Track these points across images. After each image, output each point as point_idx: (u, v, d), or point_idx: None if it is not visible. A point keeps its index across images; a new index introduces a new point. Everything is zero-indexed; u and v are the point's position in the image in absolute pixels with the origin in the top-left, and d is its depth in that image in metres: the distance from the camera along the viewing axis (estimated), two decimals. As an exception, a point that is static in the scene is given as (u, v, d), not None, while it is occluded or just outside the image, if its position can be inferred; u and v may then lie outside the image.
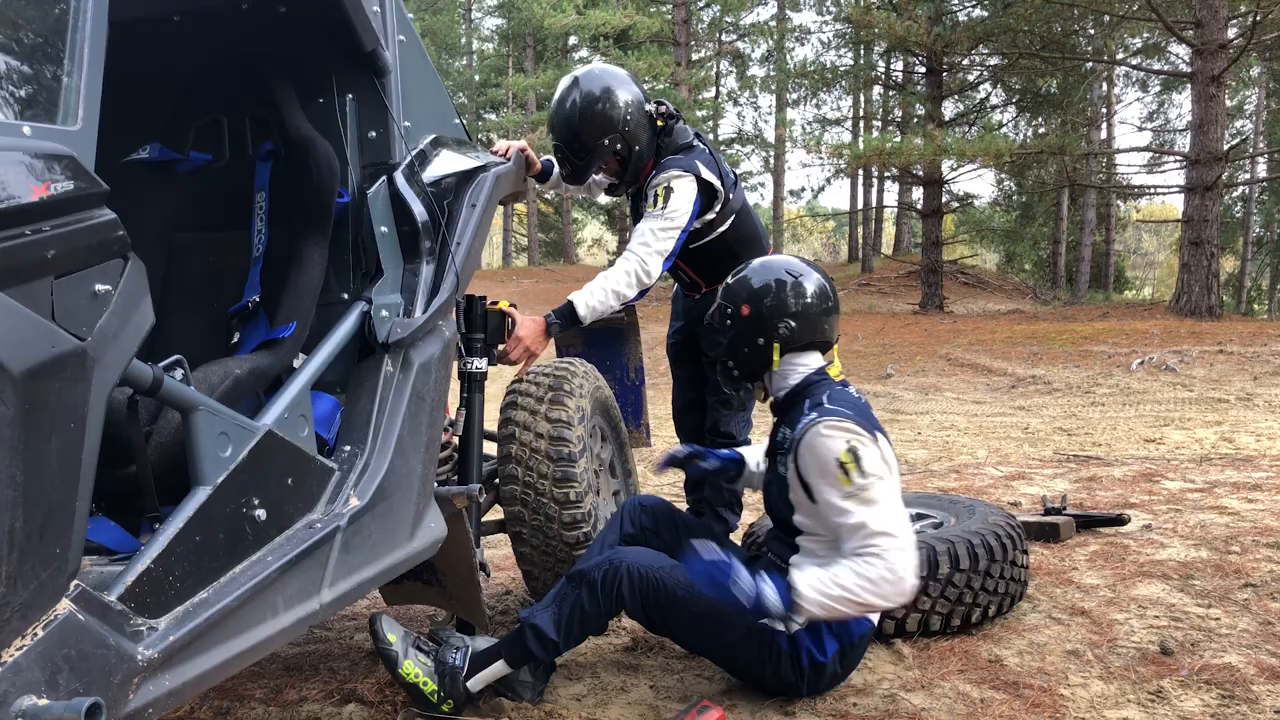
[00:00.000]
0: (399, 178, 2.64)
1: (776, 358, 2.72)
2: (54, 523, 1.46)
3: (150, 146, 2.75)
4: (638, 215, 3.45)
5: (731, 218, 3.51)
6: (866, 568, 2.36)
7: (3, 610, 1.38)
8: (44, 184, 1.46)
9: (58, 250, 1.48)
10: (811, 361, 2.74)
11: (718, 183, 3.39)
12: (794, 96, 26.60)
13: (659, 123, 3.42)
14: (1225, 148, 17.63)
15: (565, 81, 3.40)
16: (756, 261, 2.87)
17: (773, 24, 28.29)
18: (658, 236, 3.22)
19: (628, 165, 3.43)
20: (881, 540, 2.38)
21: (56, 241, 1.48)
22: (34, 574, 1.43)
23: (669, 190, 3.27)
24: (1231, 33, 17.16)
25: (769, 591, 2.36)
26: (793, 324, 2.70)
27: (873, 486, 2.43)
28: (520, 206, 34.95)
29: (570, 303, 3.14)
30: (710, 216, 3.44)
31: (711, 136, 29.96)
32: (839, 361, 2.83)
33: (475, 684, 2.54)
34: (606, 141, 3.33)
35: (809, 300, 2.72)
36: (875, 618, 2.68)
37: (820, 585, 2.36)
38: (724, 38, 31.21)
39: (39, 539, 1.43)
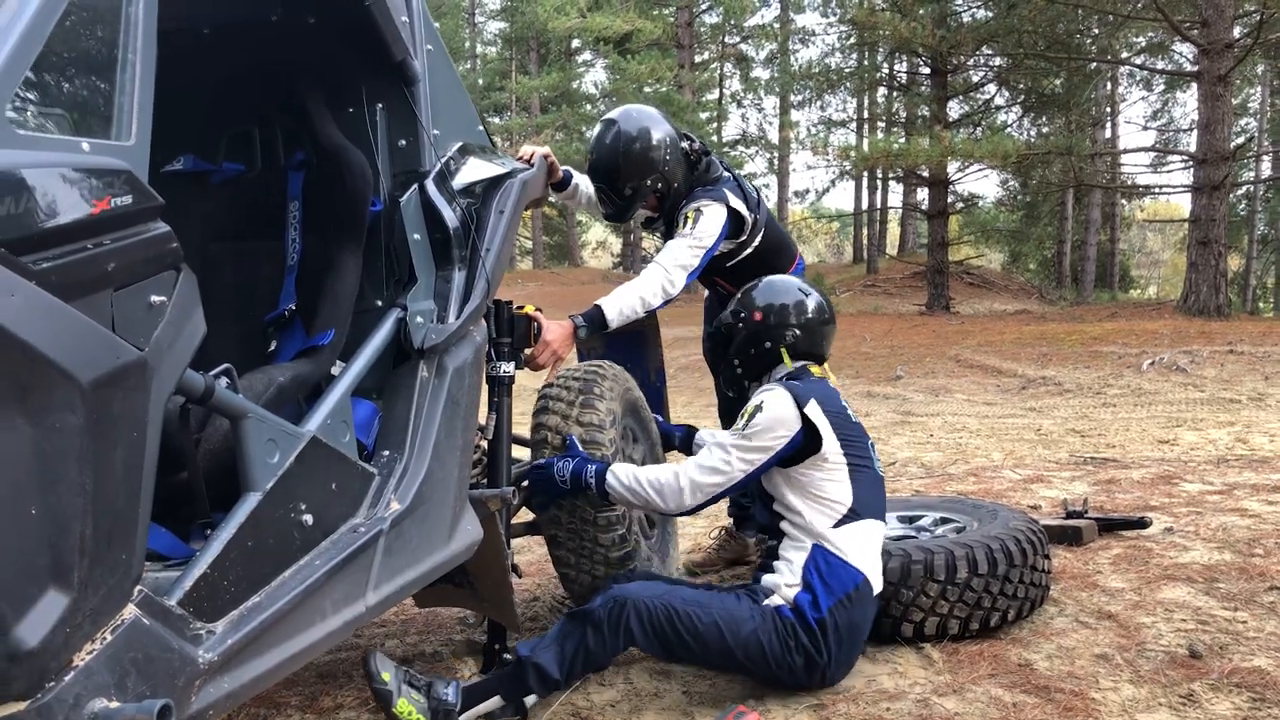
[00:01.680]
0: (430, 185, 2.66)
1: (788, 359, 3.05)
2: (120, 529, 1.50)
3: (183, 158, 2.77)
4: (669, 239, 3.61)
5: (760, 233, 3.73)
6: (669, 476, 2.83)
7: (75, 615, 1.42)
8: (104, 199, 1.48)
9: (117, 263, 1.51)
10: (799, 363, 3.07)
11: (745, 210, 3.59)
12: (798, 99, 26.63)
13: (692, 158, 3.60)
14: (1232, 147, 17.62)
15: (602, 124, 3.59)
16: (772, 278, 3.22)
17: (776, 26, 28.32)
18: (686, 253, 3.41)
19: (666, 201, 3.60)
20: (698, 470, 2.82)
21: (116, 255, 1.51)
22: (103, 580, 1.47)
23: (699, 213, 3.47)
24: (1237, 32, 17.15)
25: (579, 470, 2.87)
26: (798, 332, 3.06)
27: (748, 440, 2.80)
28: (525, 211, 34.93)
29: (599, 307, 3.22)
30: (742, 239, 3.66)
31: (715, 139, 30.02)
32: (831, 376, 3.11)
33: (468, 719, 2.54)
34: (649, 182, 3.51)
35: (817, 316, 3.10)
36: (873, 578, 2.80)
37: (625, 478, 2.84)
38: (727, 40, 31.25)
39: (107, 545, 1.47)
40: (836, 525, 2.77)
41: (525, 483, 3.02)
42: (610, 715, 2.63)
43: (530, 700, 2.59)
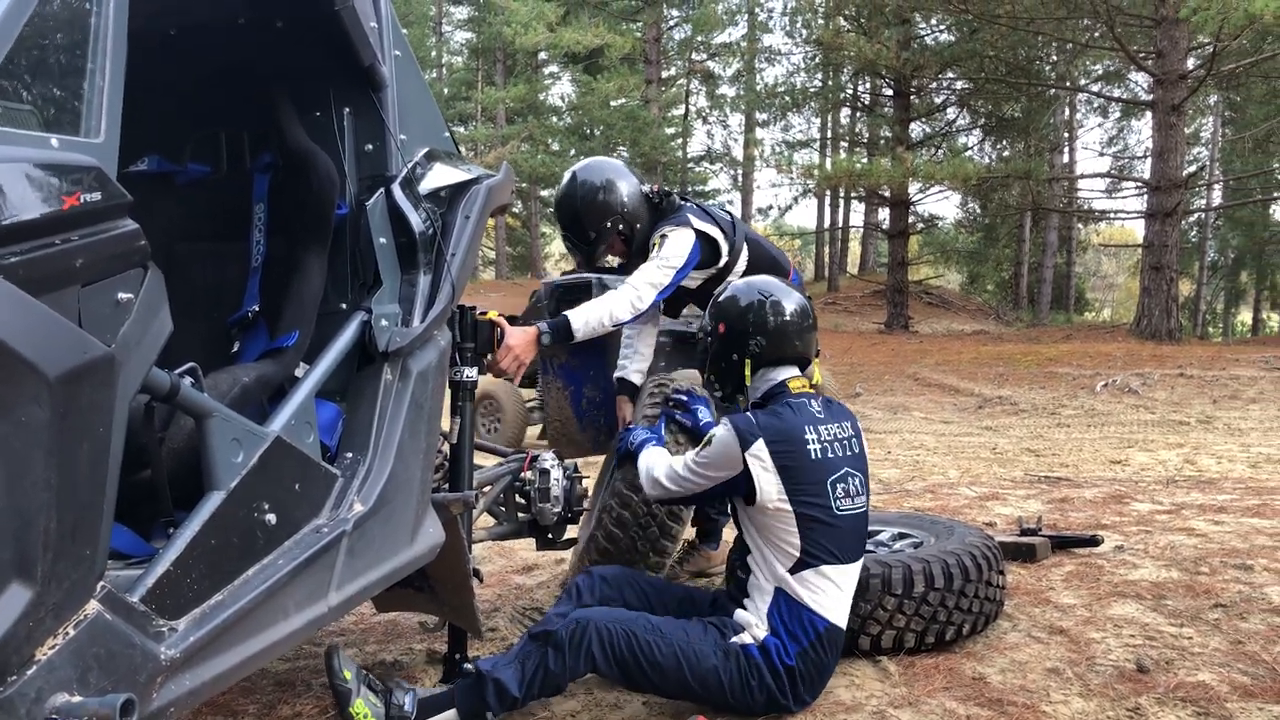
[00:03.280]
0: (396, 190, 2.67)
1: (748, 373, 2.91)
2: (84, 525, 1.49)
3: (148, 159, 2.75)
4: None
5: (744, 254, 3.79)
6: (658, 467, 2.96)
7: (37, 610, 1.41)
8: (74, 195, 1.48)
9: (85, 259, 1.51)
10: (779, 375, 2.90)
11: (714, 230, 3.67)
12: (763, 117, 26.82)
13: (655, 201, 3.72)
14: (1184, 175, 18.01)
15: (566, 176, 3.74)
16: (741, 282, 3.08)
17: (743, 44, 28.50)
18: (656, 273, 3.49)
19: (632, 244, 3.71)
20: (666, 473, 2.92)
21: (84, 251, 1.51)
22: (65, 575, 1.46)
23: (664, 237, 3.57)
24: (1191, 63, 17.54)
25: (639, 441, 3.15)
26: (762, 341, 2.89)
27: (700, 465, 2.81)
28: (489, 220, 34.75)
29: (566, 318, 3.25)
30: (723, 262, 3.72)
31: (680, 155, 30.13)
32: (819, 374, 3.03)
33: None
34: (609, 224, 3.63)
35: (782, 319, 2.91)
36: (837, 620, 2.74)
37: (645, 462, 3.03)
38: (694, 57, 31.40)
39: (70, 540, 1.46)
40: (792, 570, 2.70)
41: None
42: (570, 724, 2.63)
43: None
